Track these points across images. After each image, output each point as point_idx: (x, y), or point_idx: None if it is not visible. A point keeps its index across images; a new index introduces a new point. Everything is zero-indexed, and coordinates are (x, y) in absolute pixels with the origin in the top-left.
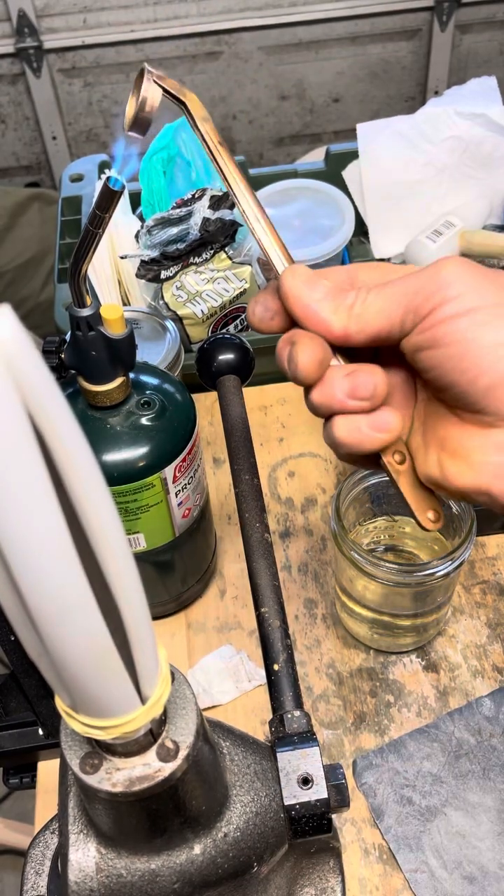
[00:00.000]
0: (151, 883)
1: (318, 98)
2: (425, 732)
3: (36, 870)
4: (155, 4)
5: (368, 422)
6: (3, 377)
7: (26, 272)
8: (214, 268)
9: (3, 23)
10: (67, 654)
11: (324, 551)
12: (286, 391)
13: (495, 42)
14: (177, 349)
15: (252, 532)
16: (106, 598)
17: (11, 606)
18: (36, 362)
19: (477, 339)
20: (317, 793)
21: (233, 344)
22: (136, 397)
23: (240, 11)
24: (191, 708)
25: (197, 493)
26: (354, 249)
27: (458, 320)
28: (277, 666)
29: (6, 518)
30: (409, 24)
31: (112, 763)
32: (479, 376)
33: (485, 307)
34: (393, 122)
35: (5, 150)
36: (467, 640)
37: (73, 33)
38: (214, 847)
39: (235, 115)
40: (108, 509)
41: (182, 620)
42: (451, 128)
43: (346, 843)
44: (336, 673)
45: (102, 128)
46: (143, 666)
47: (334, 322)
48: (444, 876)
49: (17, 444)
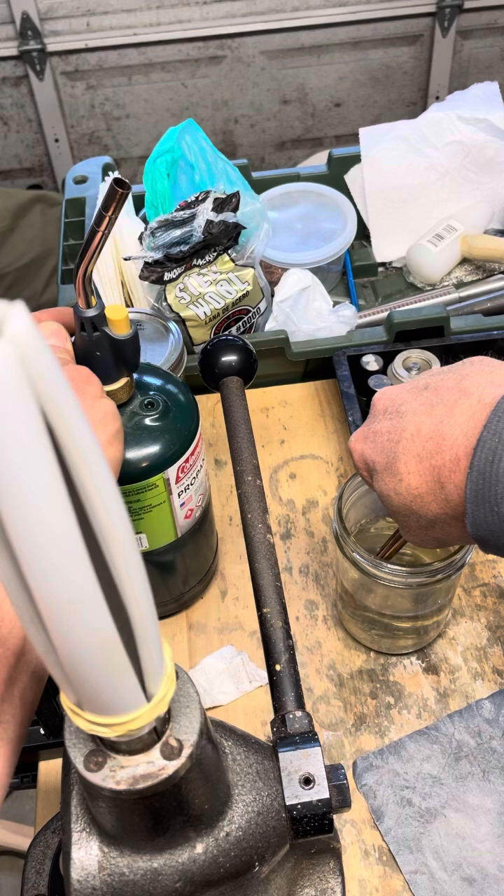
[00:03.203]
0: (153, 881)
1: (320, 102)
2: (425, 734)
3: (36, 869)
4: (158, 8)
5: None
6: (19, 374)
7: (28, 274)
8: (217, 270)
9: (7, 25)
10: (74, 649)
11: (325, 553)
12: (288, 393)
13: (496, 48)
14: (179, 351)
15: (254, 533)
16: (113, 595)
17: (20, 602)
18: (50, 360)
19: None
20: (318, 793)
21: (236, 346)
22: (139, 398)
23: (242, 16)
24: (195, 706)
25: (199, 494)
26: (356, 253)
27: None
28: (279, 666)
29: (17, 512)
30: (411, 29)
31: (116, 761)
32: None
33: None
34: (395, 126)
35: (8, 153)
36: (467, 642)
37: (77, 36)
38: (216, 846)
39: (237, 118)
40: (117, 507)
41: (183, 621)
42: (453, 132)
43: (346, 844)
44: (337, 674)
45: (105, 130)
46: (149, 663)
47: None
48: (444, 877)
49: (30, 439)
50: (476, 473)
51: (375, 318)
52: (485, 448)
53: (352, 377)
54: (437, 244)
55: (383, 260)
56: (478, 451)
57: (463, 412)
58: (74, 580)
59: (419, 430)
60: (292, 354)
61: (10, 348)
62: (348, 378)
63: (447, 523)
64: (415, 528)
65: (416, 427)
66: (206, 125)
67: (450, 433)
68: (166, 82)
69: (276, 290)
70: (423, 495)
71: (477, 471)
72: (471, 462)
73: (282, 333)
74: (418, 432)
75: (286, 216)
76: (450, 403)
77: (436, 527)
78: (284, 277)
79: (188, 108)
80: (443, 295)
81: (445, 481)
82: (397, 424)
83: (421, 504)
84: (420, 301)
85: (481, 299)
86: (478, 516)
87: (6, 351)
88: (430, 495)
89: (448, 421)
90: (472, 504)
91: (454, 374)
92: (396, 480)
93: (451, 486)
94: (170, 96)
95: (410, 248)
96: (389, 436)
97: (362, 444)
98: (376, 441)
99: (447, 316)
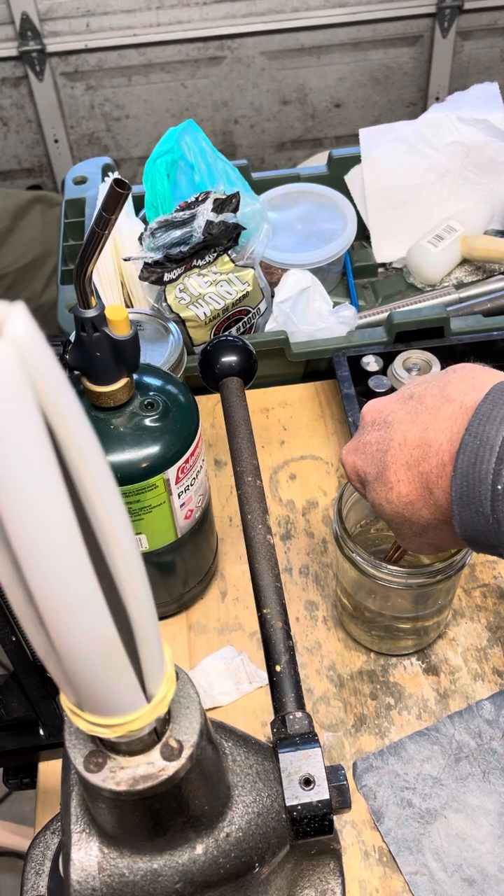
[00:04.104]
0: (153, 882)
1: (320, 103)
2: (425, 735)
3: (36, 870)
4: (158, 9)
5: None
6: (19, 374)
7: (27, 274)
8: (217, 270)
9: (7, 26)
10: (74, 650)
11: (325, 553)
12: (288, 394)
13: (496, 49)
14: (179, 351)
15: (254, 534)
16: (113, 596)
17: (20, 603)
18: (51, 361)
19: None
20: (318, 794)
21: (236, 346)
22: (139, 398)
23: (242, 17)
24: (195, 707)
25: (199, 495)
26: (356, 254)
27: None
28: (279, 667)
29: (17, 513)
30: (411, 30)
31: (116, 762)
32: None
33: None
34: (395, 127)
35: (7, 153)
36: (468, 643)
37: (76, 37)
38: (216, 847)
39: (237, 119)
40: (117, 508)
41: (183, 622)
42: (453, 133)
43: (347, 845)
44: (337, 675)
45: (104, 131)
46: (149, 664)
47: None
48: (444, 878)
49: (30, 440)
50: (460, 476)
51: (375, 319)
52: (466, 451)
53: (352, 378)
54: (437, 245)
55: (383, 260)
56: (460, 455)
57: (446, 418)
58: (74, 580)
59: (406, 438)
60: (292, 355)
61: (10, 348)
62: (348, 379)
63: (439, 528)
64: (409, 534)
65: (403, 436)
66: (205, 126)
67: (435, 440)
68: (166, 83)
69: (276, 290)
70: (413, 502)
71: (460, 474)
72: (454, 465)
73: (282, 334)
74: (405, 441)
75: (286, 217)
76: (433, 410)
77: (429, 532)
78: (284, 278)
79: (188, 109)
80: (443, 296)
81: (433, 487)
82: (385, 434)
83: (412, 511)
84: (420, 302)
85: (481, 300)
86: (465, 518)
87: (6, 351)
88: (420, 501)
89: (432, 428)
90: (458, 506)
91: (437, 381)
92: (388, 489)
93: (438, 492)
94: (170, 97)
95: (410, 248)
96: (378, 446)
97: (353, 455)
98: (366, 452)
99: (447, 317)
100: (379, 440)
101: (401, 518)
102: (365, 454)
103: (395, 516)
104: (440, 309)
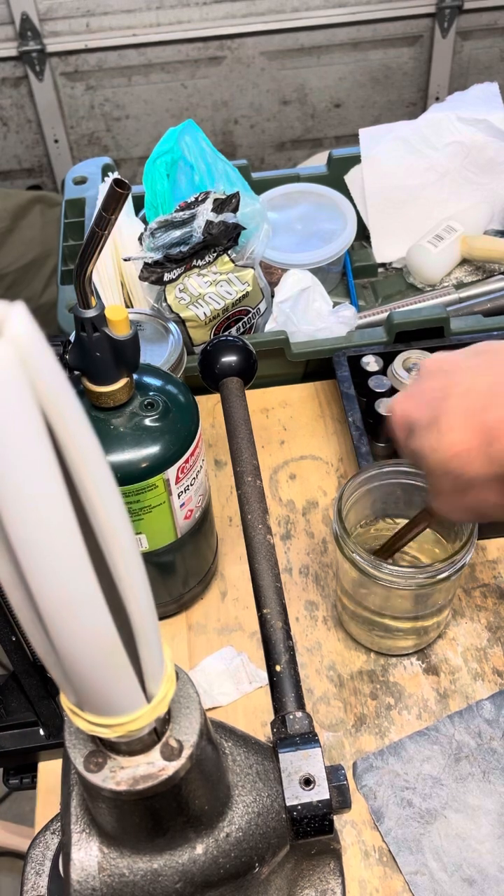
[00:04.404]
0: (153, 882)
1: (320, 103)
2: (425, 735)
3: (36, 870)
4: (158, 9)
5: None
6: (19, 374)
7: (27, 274)
8: (217, 270)
9: (6, 26)
10: (74, 649)
11: (325, 553)
12: (288, 394)
13: (496, 49)
14: (179, 351)
15: (254, 534)
16: (113, 596)
17: (20, 603)
18: (51, 361)
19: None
20: (318, 794)
21: (236, 346)
22: (139, 398)
23: (242, 17)
24: (195, 707)
25: (199, 495)
26: (356, 254)
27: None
28: (279, 667)
29: (17, 513)
30: (411, 30)
31: (116, 762)
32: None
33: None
34: (395, 127)
35: (7, 153)
36: (468, 643)
37: (76, 37)
38: (216, 847)
39: (237, 119)
40: (117, 508)
41: (183, 622)
42: (452, 133)
43: (347, 845)
44: (337, 675)
45: (104, 131)
46: (149, 664)
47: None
48: (444, 878)
49: (30, 440)
50: None
51: (375, 319)
52: None
53: (352, 378)
54: (437, 245)
55: (383, 260)
56: None
57: None
58: (74, 580)
59: (473, 386)
60: (292, 355)
61: (10, 348)
62: (348, 379)
63: (486, 487)
64: (448, 491)
65: (470, 383)
66: (205, 126)
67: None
68: (166, 83)
69: (275, 290)
70: (464, 453)
71: None
72: None
73: (282, 334)
74: (471, 389)
75: (286, 217)
76: None
77: (472, 491)
78: (284, 278)
79: (188, 109)
80: (443, 296)
81: (494, 439)
82: (446, 382)
83: (459, 463)
84: (420, 302)
85: (481, 300)
86: None
87: (6, 351)
88: (475, 451)
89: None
90: None
91: None
92: (438, 436)
93: (499, 444)
94: (169, 97)
95: (410, 248)
96: (436, 393)
97: (405, 401)
98: (422, 398)
99: (447, 317)
100: (438, 387)
101: (443, 470)
102: (420, 400)
103: (438, 467)
104: (440, 309)
